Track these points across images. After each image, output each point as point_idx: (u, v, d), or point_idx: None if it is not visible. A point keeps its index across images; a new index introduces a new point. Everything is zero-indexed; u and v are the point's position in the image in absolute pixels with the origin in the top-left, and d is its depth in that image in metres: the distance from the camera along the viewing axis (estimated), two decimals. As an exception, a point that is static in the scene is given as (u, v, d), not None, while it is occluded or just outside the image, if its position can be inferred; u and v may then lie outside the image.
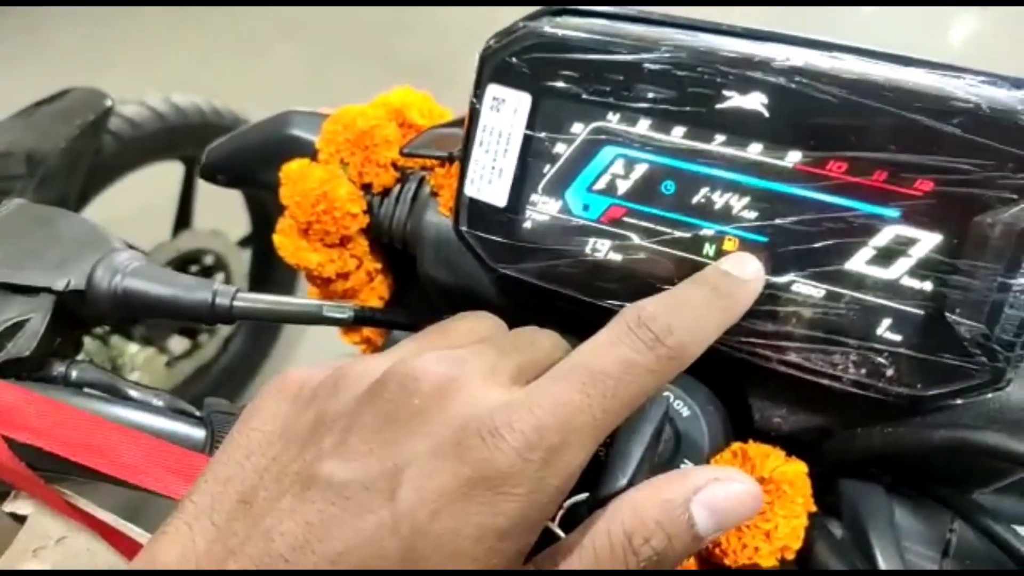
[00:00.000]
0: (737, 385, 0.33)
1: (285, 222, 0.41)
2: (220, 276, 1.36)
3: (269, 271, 1.40)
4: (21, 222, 0.35)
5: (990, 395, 0.28)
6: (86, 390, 0.32)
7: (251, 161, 0.44)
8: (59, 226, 0.35)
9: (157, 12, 2.22)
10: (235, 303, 0.35)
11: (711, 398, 0.32)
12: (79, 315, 0.33)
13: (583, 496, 0.26)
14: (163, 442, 0.30)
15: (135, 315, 0.34)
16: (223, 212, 1.25)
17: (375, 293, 0.44)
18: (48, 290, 0.32)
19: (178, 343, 1.36)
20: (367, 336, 0.46)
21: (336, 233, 0.40)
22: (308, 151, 0.42)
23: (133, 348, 1.32)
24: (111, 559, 0.34)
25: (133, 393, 0.32)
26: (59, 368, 0.32)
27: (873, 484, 0.32)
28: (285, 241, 0.41)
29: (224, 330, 1.39)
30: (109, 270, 0.33)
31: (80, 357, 0.34)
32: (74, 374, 0.32)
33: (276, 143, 0.43)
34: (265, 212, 1.32)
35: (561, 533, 0.25)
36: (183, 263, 1.28)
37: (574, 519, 0.25)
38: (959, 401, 0.28)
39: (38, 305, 0.32)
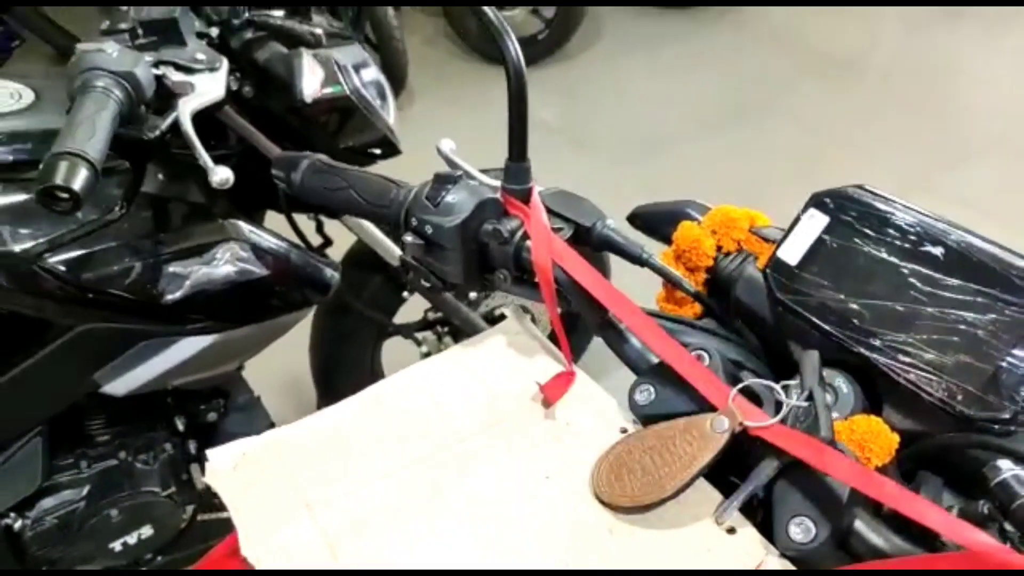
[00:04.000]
0: (877, 393, 0.60)
1: (670, 252, 0.76)
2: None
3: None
4: (560, 196, 0.74)
5: (1012, 429, 0.53)
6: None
7: (660, 219, 0.81)
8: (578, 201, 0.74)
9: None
10: None
11: (861, 391, 0.60)
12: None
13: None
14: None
15: None
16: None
17: (692, 309, 0.77)
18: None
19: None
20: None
21: (694, 263, 0.74)
22: (692, 220, 0.77)
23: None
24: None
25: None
26: None
27: (935, 476, 0.57)
28: (665, 261, 0.76)
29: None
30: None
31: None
32: None
33: (677, 214, 0.79)
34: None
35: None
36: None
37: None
38: (996, 427, 0.53)
39: None
